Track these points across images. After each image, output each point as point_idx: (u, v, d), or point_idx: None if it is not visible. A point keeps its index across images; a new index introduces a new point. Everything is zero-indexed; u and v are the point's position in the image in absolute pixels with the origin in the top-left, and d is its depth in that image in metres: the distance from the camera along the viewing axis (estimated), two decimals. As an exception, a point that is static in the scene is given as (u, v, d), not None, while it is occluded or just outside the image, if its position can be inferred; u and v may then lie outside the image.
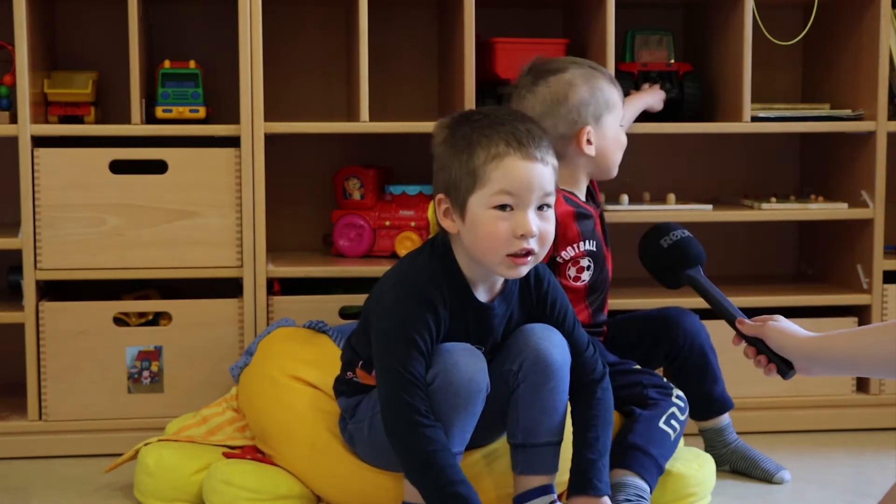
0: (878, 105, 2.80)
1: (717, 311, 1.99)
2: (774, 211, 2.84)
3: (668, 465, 2.23)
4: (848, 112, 2.86)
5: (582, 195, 2.42)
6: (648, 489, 2.14)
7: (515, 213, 1.96)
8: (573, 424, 2.10)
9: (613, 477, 2.15)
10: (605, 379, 2.13)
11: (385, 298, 2.03)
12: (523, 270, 2.00)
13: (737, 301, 2.79)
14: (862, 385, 2.87)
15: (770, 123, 2.81)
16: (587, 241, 2.38)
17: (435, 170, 2.05)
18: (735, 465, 2.47)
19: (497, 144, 1.97)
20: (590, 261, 2.38)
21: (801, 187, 3.15)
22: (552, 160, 2.02)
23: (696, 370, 2.44)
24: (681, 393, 2.30)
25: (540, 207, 1.99)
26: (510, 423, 2.06)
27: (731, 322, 1.96)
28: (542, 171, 1.98)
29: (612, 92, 2.41)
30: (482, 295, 2.06)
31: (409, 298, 2.00)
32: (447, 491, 1.90)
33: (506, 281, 2.08)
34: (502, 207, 1.96)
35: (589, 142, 2.36)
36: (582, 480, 2.04)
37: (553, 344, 2.05)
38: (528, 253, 1.98)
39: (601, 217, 2.48)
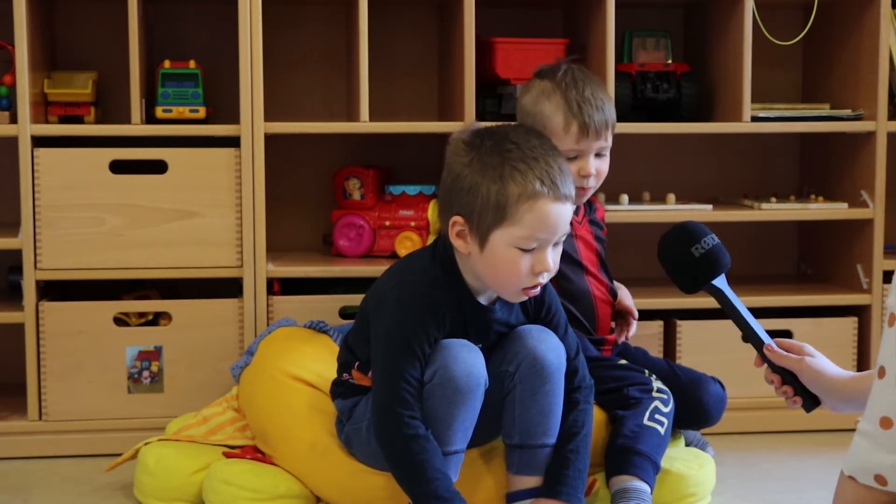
0: (878, 105, 2.80)
1: (741, 330, 1.90)
2: (774, 211, 2.84)
3: (667, 466, 2.23)
4: (848, 112, 2.87)
5: None
6: (648, 489, 2.14)
7: (537, 251, 1.95)
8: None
9: (612, 485, 2.15)
10: (591, 394, 2.13)
11: (386, 302, 2.02)
12: (525, 299, 2.02)
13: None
14: (862, 385, 2.87)
15: (770, 123, 2.81)
16: None
17: (450, 185, 1.99)
18: None
19: (532, 182, 1.92)
20: None
21: (801, 187, 3.15)
22: (574, 193, 2.00)
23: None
24: (662, 386, 2.27)
25: (556, 243, 1.99)
26: (506, 423, 2.06)
27: (758, 346, 1.87)
28: (569, 211, 1.98)
29: (554, 118, 2.32)
30: (483, 299, 2.06)
31: (411, 304, 1.99)
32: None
33: None
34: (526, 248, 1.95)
35: None
36: (565, 488, 2.04)
37: (549, 347, 2.04)
38: (540, 285, 1.99)
39: (595, 232, 2.47)
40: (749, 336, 1.89)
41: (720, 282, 1.93)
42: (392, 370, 1.96)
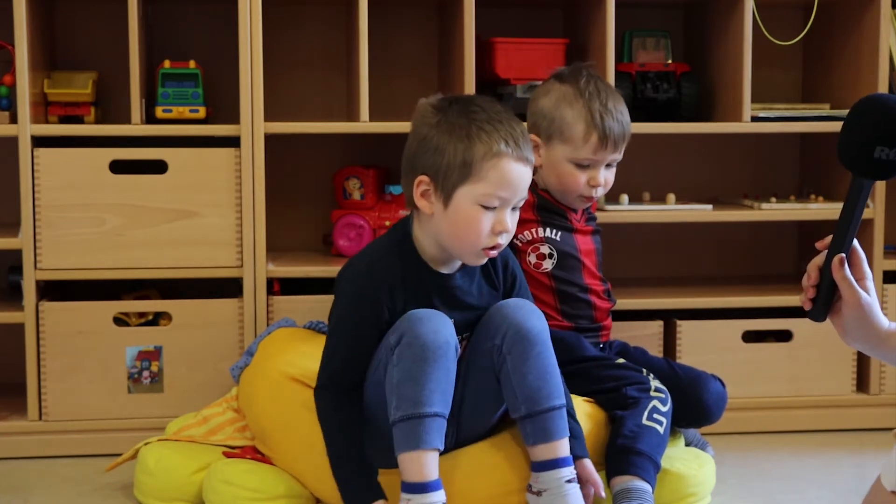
0: (878, 105, 2.79)
1: (838, 228, 1.68)
2: (774, 211, 2.84)
3: (667, 465, 2.23)
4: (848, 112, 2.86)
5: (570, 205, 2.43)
6: (650, 489, 2.14)
7: (497, 211, 2.04)
8: None
9: (613, 486, 2.15)
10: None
11: (336, 290, 2.13)
12: (485, 260, 2.11)
13: (737, 301, 2.81)
14: (862, 385, 2.87)
15: (770, 123, 2.81)
16: (548, 229, 2.39)
17: (416, 147, 2.08)
18: None
19: (497, 142, 2.02)
20: (551, 248, 2.38)
21: (801, 187, 3.15)
22: (534, 161, 2.09)
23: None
24: (660, 385, 2.28)
25: (514, 207, 2.07)
26: (508, 398, 2.08)
27: (836, 248, 1.67)
28: (528, 174, 2.07)
29: (575, 126, 2.34)
30: (444, 269, 2.13)
31: (356, 279, 2.08)
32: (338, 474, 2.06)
33: None
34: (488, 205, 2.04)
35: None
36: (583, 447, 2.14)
37: (529, 312, 2.10)
38: (498, 246, 2.07)
39: (593, 227, 2.48)
40: (840, 236, 1.69)
41: (870, 185, 1.70)
42: (334, 348, 2.09)
